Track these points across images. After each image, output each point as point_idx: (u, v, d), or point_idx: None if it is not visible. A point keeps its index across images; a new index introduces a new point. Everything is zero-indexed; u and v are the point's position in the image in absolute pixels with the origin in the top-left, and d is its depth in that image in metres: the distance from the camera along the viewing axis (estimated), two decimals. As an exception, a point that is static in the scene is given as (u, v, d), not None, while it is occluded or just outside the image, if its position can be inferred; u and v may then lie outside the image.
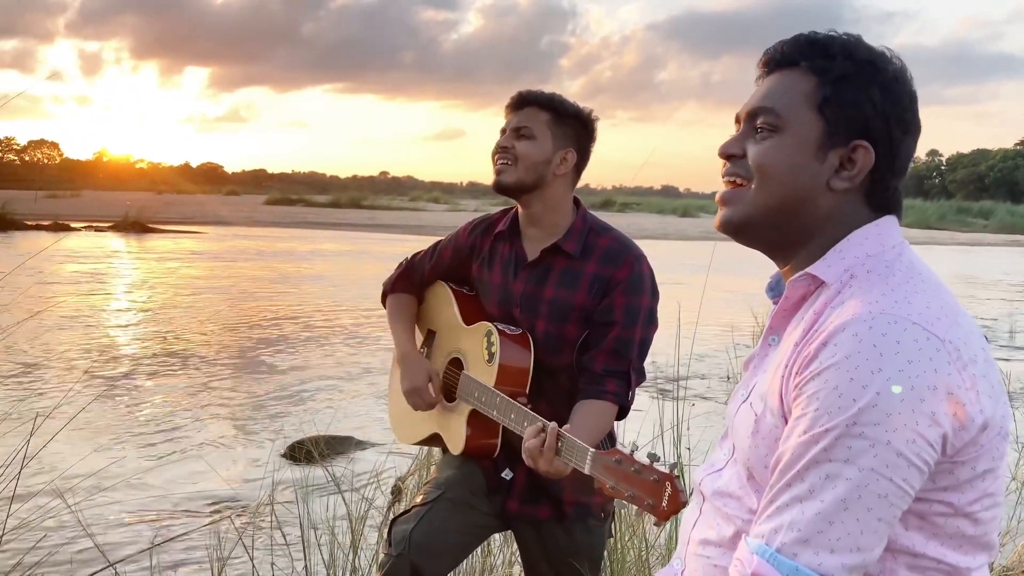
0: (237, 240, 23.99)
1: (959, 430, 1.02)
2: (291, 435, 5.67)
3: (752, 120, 1.20)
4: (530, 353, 2.18)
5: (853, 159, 1.16)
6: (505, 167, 2.20)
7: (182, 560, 3.88)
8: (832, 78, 1.16)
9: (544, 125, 2.21)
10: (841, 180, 1.16)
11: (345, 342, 9.42)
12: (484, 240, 2.35)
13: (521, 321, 2.22)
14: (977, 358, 1.05)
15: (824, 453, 1.01)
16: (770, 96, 1.19)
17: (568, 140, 2.22)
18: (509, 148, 2.20)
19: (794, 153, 1.17)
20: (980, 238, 37.18)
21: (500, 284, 2.28)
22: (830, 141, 1.16)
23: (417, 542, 2.18)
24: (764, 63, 1.23)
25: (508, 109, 2.26)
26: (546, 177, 2.20)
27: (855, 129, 1.15)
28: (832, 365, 1.02)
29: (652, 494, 1.60)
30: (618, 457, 1.68)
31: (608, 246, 2.19)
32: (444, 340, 2.40)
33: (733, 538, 1.19)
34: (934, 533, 1.07)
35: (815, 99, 1.16)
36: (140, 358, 8.22)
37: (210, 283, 14.22)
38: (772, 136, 1.18)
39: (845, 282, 1.14)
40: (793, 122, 1.17)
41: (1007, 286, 17.45)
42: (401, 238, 21.45)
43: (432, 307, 2.47)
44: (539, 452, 1.88)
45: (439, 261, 2.44)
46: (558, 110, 2.22)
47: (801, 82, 1.18)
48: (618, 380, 2.11)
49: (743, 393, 1.25)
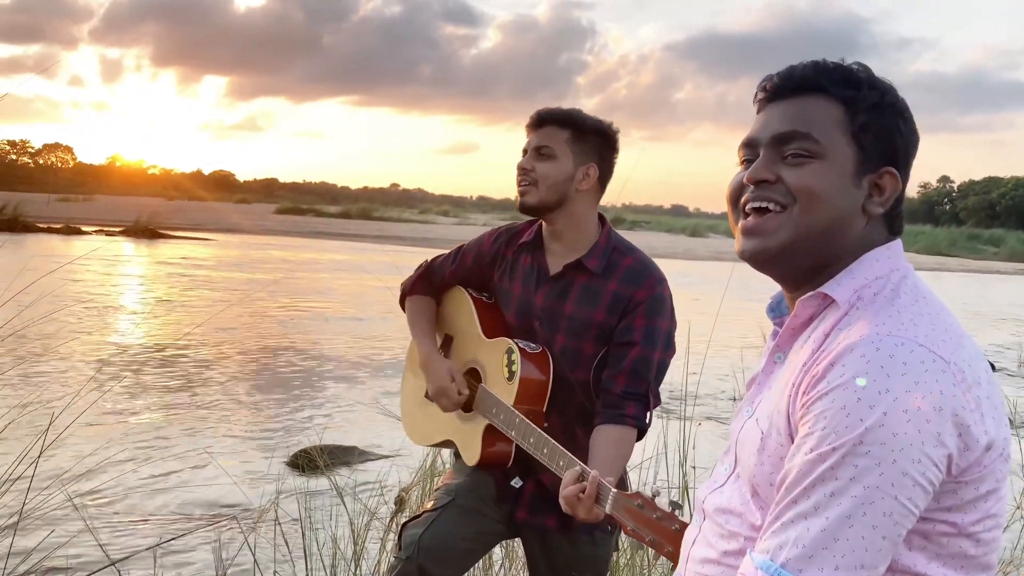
0: (246, 248, 24.07)
1: (964, 451, 1.03)
2: (295, 444, 5.68)
3: (780, 145, 1.19)
4: (549, 372, 2.18)
5: (880, 185, 1.18)
6: (527, 188, 2.21)
7: (184, 563, 3.89)
8: (865, 106, 1.18)
9: (564, 143, 2.21)
10: (874, 205, 1.18)
11: (350, 352, 9.44)
12: (507, 250, 2.36)
13: (540, 334, 2.23)
14: (981, 380, 1.06)
15: (830, 471, 1.02)
16: (803, 121, 1.18)
17: (590, 155, 2.23)
18: (529, 170, 2.21)
19: (838, 177, 1.17)
20: (990, 265, 37.06)
21: (521, 295, 2.29)
22: (863, 168, 1.18)
23: (426, 546, 2.19)
24: (774, 88, 1.22)
25: (528, 128, 2.27)
26: (569, 194, 2.21)
27: (884, 156, 1.18)
28: (840, 385, 1.04)
29: (672, 542, 1.60)
30: (640, 502, 1.68)
31: (631, 266, 2.20)
32: (462, 348, 2.40)
33: (732, 554, 1.19)
34: (937, 553, 1.08)
35: (849, 126, 1.18)
36: (146, 363, 8.25)
37: (218, 290, 14.27)
38: (812, 161, 1.17)
39: (853, 303, 1.15)
40: (831, 148, 1.17)
41: (1017, 315, 17.38)
42: (410, 250, 21.50)
43: (450, 312, 2.47)
44: (577, 500, 1.84)
45: (460, 266, 2.44)
46: (578, 126, 2.23)
47: (830, 108, 1.18)
48: (637, 403, 2.11)
49: (748, 410, 1.26)
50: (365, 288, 15.38)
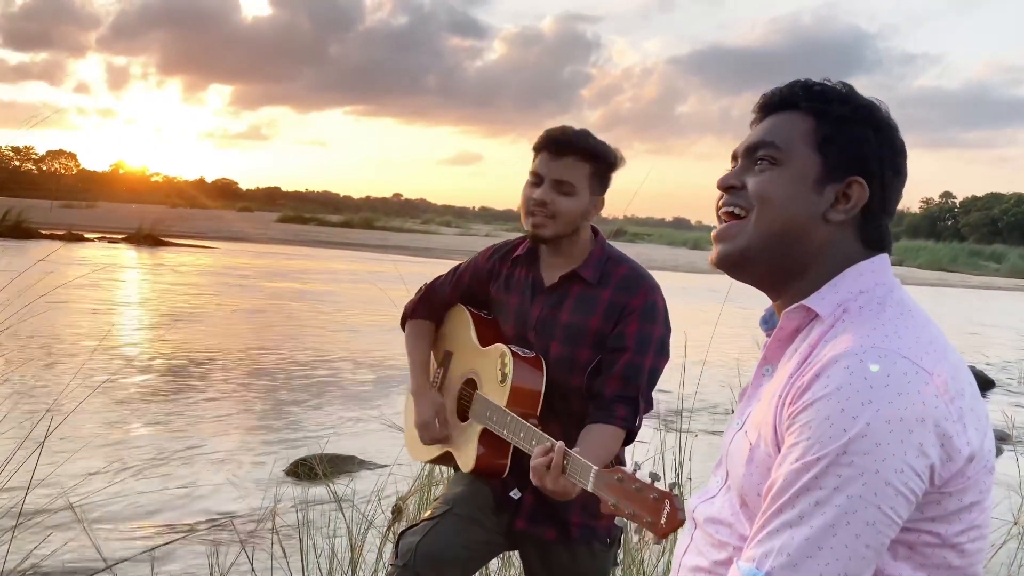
0: (248, 257, 24.10)
1: (946, 461, 1.04)
2: (294, 452, 5.69)
3: (752, 154, 1.25)
4: (542, 376, 2.21)
5: (848, 194, 1.20)
6: (544, 222, 2.19)
7: (181, 569, 3.90)
8: (831, 119, 1.21)
9: (585, 178, 2.20)
10: (837, 213, 1.20)
11: (349, 361, 9.44)
12: (503, 264, 2.39)
13: (535, 344, 2.25)
14: (964, 392, 1.08)
15: (815, 481, 1.03)
16: (771, 132, 1.24)
17: (603, 188, 2.25)
18: (548, 203, 2.18)
19: (794, 184, 1.21)
20: (991, 281, 37.03)
21: (517, 307, 2.32)
22: (827, 177, 1.20)
23: (423, 554, 2.20)
24: (761, 107, 1.28)
25: (546, 154, 2.20)
26: (581, 225, 2.24)
27: (851, 167, 1.20)
28: (824, 396, 1.05)
29: (652, 512, 1.63)
30: (620, 475, 1.71)
31: (625, 275, 2.23)
32: (460, 361, 2.43)
33: (722, 564, 1.21)
34: (921, 563, 1.09)
35: (815, 137, 1.21)
36: (146, 370, 8.26)
37: (219, 298, 14.28)
38: (772, 168, 1.22)
39: (838, 316, 1.17)
40: (793, 156, 1.21)
41: (1018, 331, 17.37)
42: (411, 260, 21.54)
43: (451, 329, 2.51)
44: (545, 470, 1.91)
45: (458, 284, 2.47)
46: (600, 161, 2.22)
47: (801, 122, 1.23)
48: (627, 406, 2.13)
49: (738, 422, 1.28)
50: (368, 298, 15.39)
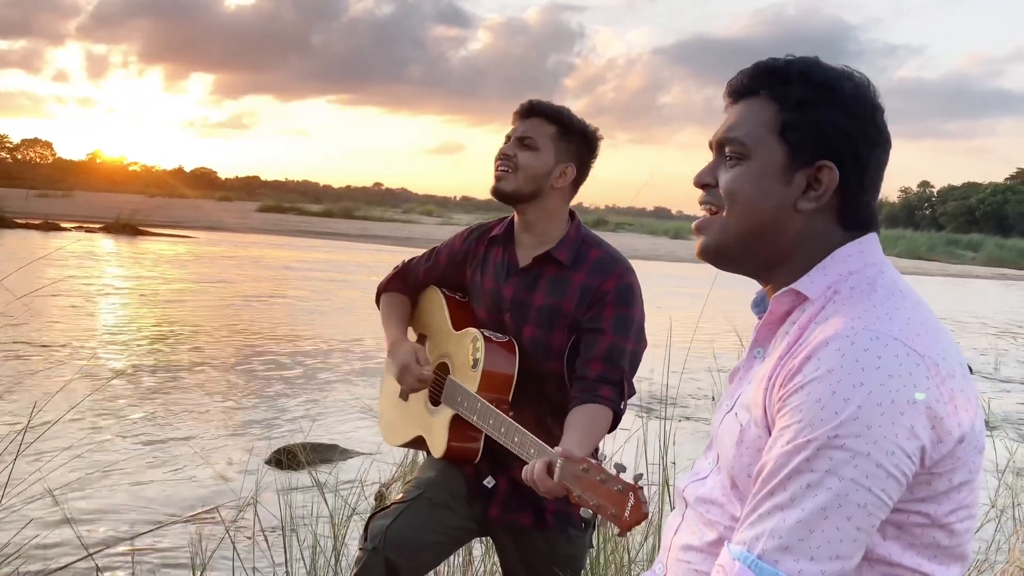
0: (227, 246, 23.94)
1: (937, 443, 1.05)
2: (277, 441, 5.67)
3: (721, 149, 1.25)
4: (515, 360, 2.19)
5: (819, 179, 1.18)
6: (504, 174, 2.23)
7: (162, 556, 3.87)
8: (791, 104, 1.19)
9: (549, 138, 2.23)
10: (808, 201, 1.19)
11: (332, 351, 9.41)
12: (479, 245, 2.38)
13: (510, 326, 2.24)
14: (955, 373, 1.08)
15: (806, 463, 1.03)
16: (734, 126, 1.23)
17: (570, 155, 2.25)
18: (511, 156, 2.23)
19: (760, 178, 1.20)
20: (969, 270, 37.37)
21: (492, 289, 2.31)
22: (794, 164, 1.19)
23: (392, 538, 2.18)
24: (728, 93, 1.27)
25: (516, 116, 2.29)
26: (544, 189, 2.23)
27: (818, 150, 1.18)
28: (815, 378, 1.05)
29: (616, 504, 1.60)
30: (585, 466, 1.68)
31: (599, 258, 2.23)
32: (434, 344, 2.42)
33: (715, 544, 1.21)
34: (911, 543, 1.09)
35: (776, 125, 1.19)
36: (127, 359, 8.20)
37: (199, 288, 14.19)
38: (739, 164, 1.21)
39: (829, 298, 1.17)
40: (757, 149, 1.20)
41: (994, 319, 17.55)
42: (391, 249, 21.48)
43: (424, 312, 2.49)
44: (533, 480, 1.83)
45: (434, 265, 2.47)
46: (565, 124, 2.25)
47: (763, 110, 1.21)
48: (612, 387, 2.12)
49: (728, 404, 1.28)
50: (348, 286, 15.34)
